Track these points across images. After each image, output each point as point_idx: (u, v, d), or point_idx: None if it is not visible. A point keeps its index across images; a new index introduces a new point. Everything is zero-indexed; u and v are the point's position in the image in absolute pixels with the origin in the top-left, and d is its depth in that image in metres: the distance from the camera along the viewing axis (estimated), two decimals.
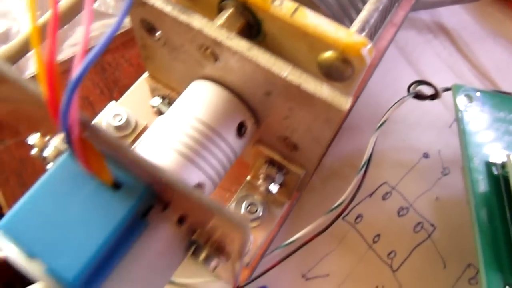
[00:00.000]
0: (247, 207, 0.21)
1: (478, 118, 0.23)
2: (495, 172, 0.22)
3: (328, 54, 0.15)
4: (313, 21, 0.15)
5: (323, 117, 0.14)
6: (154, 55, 0.18)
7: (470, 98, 0.24)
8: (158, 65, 0.19)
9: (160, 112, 0.21)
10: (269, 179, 0.20)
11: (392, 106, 0.24)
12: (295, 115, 0.15)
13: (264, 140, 0.19)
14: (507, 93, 0.26)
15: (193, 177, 0.15)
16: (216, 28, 0.15)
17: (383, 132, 0.23)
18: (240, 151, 0.17)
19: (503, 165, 0.22)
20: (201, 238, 0.14)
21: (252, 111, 0.17)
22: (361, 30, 0.15)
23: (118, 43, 0.28)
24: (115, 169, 0.11)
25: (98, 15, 0.28)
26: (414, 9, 0.31)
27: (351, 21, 0.17)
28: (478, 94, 0.24)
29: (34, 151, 0.18)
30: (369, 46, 0.14)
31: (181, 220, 0.13)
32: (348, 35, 0.14)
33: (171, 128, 0.16)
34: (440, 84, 0.30)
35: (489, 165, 0.22)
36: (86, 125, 0.10)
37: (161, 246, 0.12)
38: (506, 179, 0.21)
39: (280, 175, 0.19)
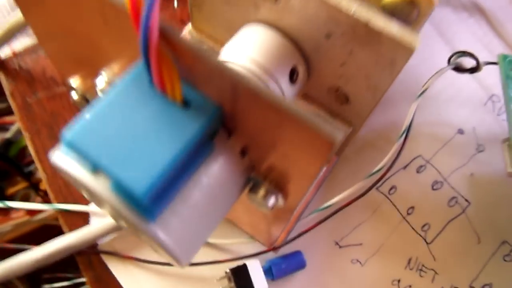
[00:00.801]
0: None
1: None
2: None
3: None
4: None
5: (388, 59, 0.14)
6: (204, 0, 0.18)
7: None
8: (206, 12, 0.18)
9: None
10: None
11: (432, 76, 0.23)
12: (355, 59, 0.15)
13: (311, 93, 0.18)
14: None
15: None
16: None
17: (418, 106, 0.23)
18: (291, 99, 0.17)
19: None
20: (260, 176, 0.13)
21: (305, 57, 0.16)
22: None
23: None
24: (185, 88, 0.11)
25: None
26: None
27: None
28: None
29: (75, 96, 0.18)
30: None
31: (243, 152, 0.12)
32: None
33: None
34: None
35: None
36: (166, 32, 0.10)
37: (223, 174, 0.12)
38: None
39: None
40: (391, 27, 0.13)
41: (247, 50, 0.16)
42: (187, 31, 0.21)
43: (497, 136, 0.27)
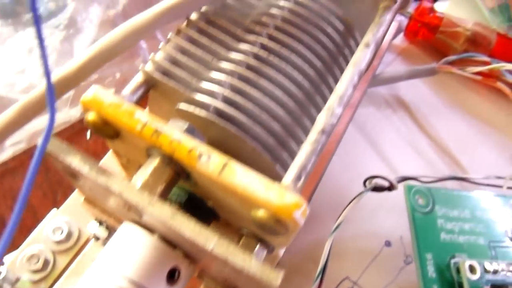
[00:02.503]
0: None
1: (431, 219, 0.23)
2: (450, 277, 0.21)
3: (260, 213, 0.14)
4: (242, 180, 0.14)
5: (256, 285, 0.13)
6: (83, 190, 0.17)
7: (422, 198, 0.23)
8: (89, 196, 0.18)
9: (97, 238, 0.19)
10: None
11: (348, 204, 0.23)
12: (231, 272, 0.14)
13: (206, 273, 0.18)
14: (462, 179, 0.25)
15: None
16: (137, 191, 0.13)
17: (344, 219, 0.23)
18: None
19: (458, 269, 0.21)
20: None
21: (186, 254, 0.16)
22: (297, 178, 0.14)
23: (63, 137, 0.27)
24: None
25: None
26: (371, 86, 0.31)
27: (291, 154, 0.16)
28: (430, 192, 0.23)
29: None
30: (303, 207, 0.13)
31: None
32: (279, 196, 0.13)
33: None
34: (400, 164, 0.29)
35: (443, 269, 0.21)
36: None
37: None
38: (460, 284, 0.21)
39: None
40: (251, 265, 0.12)
41: (117, 264, 0.15)
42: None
43: None
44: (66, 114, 0.27)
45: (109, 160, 0.24)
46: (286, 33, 0.17)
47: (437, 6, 0.34)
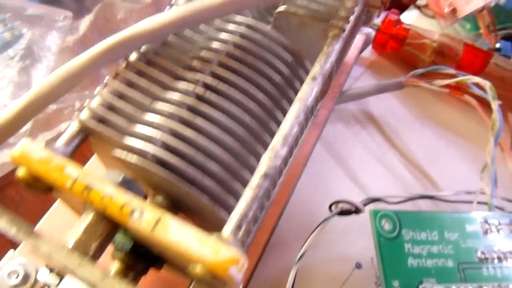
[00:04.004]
0: None
1: (398, 244, 0.22)
2: None
3: (197, 269, 0.13)
4: (176, 236, 0.13)
5: None
6: None
7: (389, 222, 0.23)
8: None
9: (48, 287, 0.19)
10: None
11: (313, 231, 0.23)
12: None
13: None
14: (430, 197, 0.25)
15: None
16: (67, 252, 0.13)
17: (313, 243, 0.22)
18: None
19: None
20: None
21: None
22: (237, 228, 0.14)
23: None
24: None
25: None
26: (339, 103, 0.30)
27: (237, 198, 0.16)
28: (397, 216, 0.23)
29: None
30: (241, 262, 0.13)
31: None
32: (214, 252, 0.13)
33: None
34: (370, 181, 0.29)
35: None
36: None
37: None
38: None
39: None
40: None
41: None
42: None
43: None
44: None
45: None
46: (230, 69, 0.17)
47: (404, 17, 0.34)
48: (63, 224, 0.19)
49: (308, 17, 0.18)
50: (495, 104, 0.26)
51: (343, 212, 0.24)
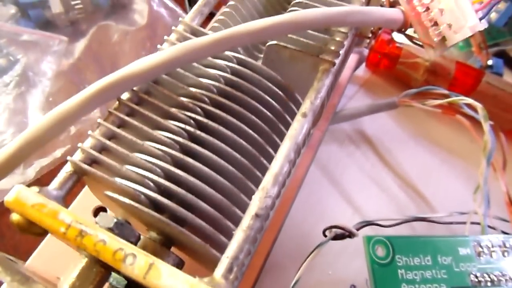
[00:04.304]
0: None
1: (391, 270, 0.22)
2: None
3: None
4: (168, 282, 0.13)
5: None
6: None
7: (382, 248, 0.23)
8: None
9: None
10: None
11: (307, 257, 0.23)
12: None
13: None
14: (423, 219, 0.25)
15: None
16: None
17: (308, 266, 0.22)
18: None
19: None
20: None
21: None
22: (228, 271, 0.14)
23: None
24: None
25: None
26: (333, 123, 0.30)
27: (227, 235, 0.16)
28: (390, 241, 0.23)
29: None
30: None
31: None
32: None
33: None
34: (364, 202, 0.29)
35: None
36: None
37: None
38: None
39: None
40: None
41: None
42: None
43: None
44: (21, 176, 0.27)
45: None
46: (221, 107, 0.17)
47: (397, 36, 0.34)
48: (54, 258, 0.20)
49: (298, 51, 0.18)
50: (486, 126, 0.27)
51: (337, 237, 0.24)
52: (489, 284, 0.23)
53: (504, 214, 0.27)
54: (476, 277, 0.23)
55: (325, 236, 0.24)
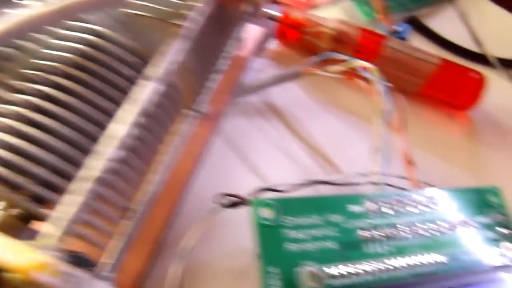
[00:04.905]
0: None
1: (277, 230, 0.23)
2: None
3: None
4: None
5: None
6: None
7: (271, 210, 0.23)
8: None
9: None
10: None
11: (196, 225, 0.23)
12: None
13: None
14: (322, 182, 0.26)
15: None
16: None
17: (209, 237, 0.23)
18: None
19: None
20: None
21: None
22: (56, 231, 0.14)
23: None
24: None
25: None
26: (239, 96, 0.31)
27: None
28: (278, 203, 0.23)
29: None
30: (51, 266, 0.13)
31: None
32: (22, 258, 0.13)
33: None
34: (272, 172, 0.29)
35: (290, 281, 0.21)
36: None
37: None
38: None
39: None
40: None
41: None
42: None
43: None
44: None
45: None
46: (71, 79, 0.17)
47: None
48: None
49: (149, 17, 0.18)
50: (379, 86, 0.27)
51: (232, 205, 0.25)
52: (382, 239, 0.24)
53: (402, 172, 0.27)
54: (367, 232, 0.24)
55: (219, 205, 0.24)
